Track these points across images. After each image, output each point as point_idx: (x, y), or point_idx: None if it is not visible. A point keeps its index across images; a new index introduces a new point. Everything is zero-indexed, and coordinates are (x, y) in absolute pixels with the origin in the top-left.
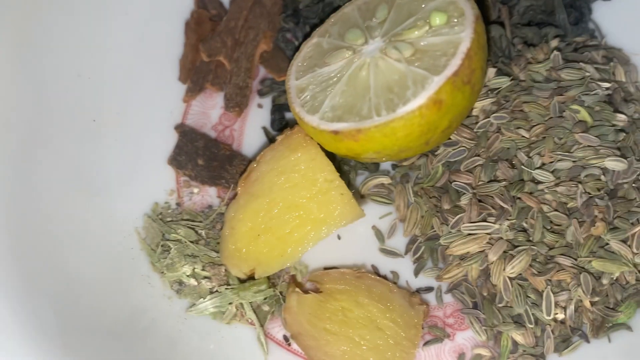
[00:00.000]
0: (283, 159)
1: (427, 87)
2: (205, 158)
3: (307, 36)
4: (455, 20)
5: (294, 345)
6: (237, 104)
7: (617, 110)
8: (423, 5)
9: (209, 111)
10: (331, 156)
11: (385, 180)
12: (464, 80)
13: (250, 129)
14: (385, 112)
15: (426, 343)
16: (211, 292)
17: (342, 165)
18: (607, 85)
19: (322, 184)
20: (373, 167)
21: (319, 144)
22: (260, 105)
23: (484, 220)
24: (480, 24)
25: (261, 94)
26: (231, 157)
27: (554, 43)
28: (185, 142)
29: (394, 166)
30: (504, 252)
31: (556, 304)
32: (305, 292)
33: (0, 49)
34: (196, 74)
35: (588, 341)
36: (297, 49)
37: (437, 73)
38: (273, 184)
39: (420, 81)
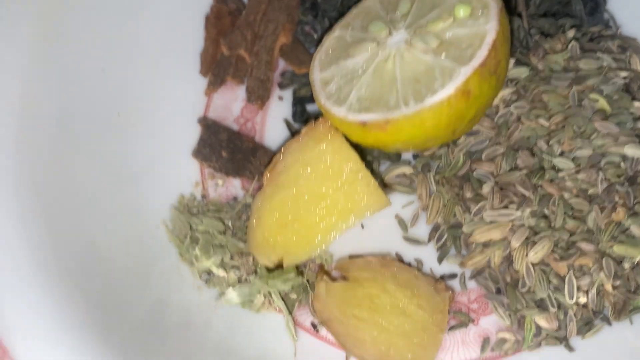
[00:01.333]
0: (308, 150)
1: (455, 78)
2: (229, 150)
3: (326, 29)
4: (480, 12)
5: (322, 332)
6: (259, 97)
7: (634, 99)
8: None
9: (231, 104)
10: (355, 146)
11: (407, 170)
12: (490, 71)
13: (272, 121)
14: (413, 103)
15: (451, 328)
16: (240, 282)
17: (365, 154)
18: (624, 74)
19: (347, 175)
20: (395, 157)
21: (344, 135)
22: (281, 98)
23: (506, 208)
24: (504, 16)
25: (282, 86)
26: (254, 150)
27: (571, 33)
28: (208, 135)
29: (415, 156)
30: (526, 238)
31: (578, 288)
32: (333, 280)
33: (30, 49)
34: (217, 68)
35: (610, 324)
36: (316, 41)
37: (464, 64)
38: (299, 175)
39: (448, 72)
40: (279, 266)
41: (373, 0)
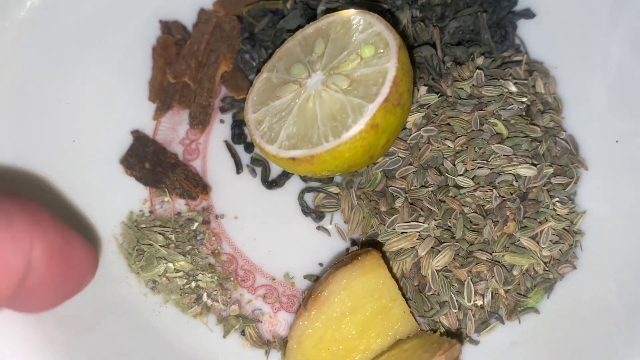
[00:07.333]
0: (353, 280)
1: (364, 114)
2: (152, 163)
3: (263, 57)
4: (382, 51)
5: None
6: (200, 122)
7: (532, 122)
8: (353, 39)
9: (177, 127)
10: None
11: (334, 190)
12: (394, 104)
13: (214, 142)
14: (332, 138)
15: None
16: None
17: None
18: (523, 99)
19: (386, 302)
20: (327, 180)
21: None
22: (222, 121)
23: (415, 221)
24: (404, 52)
25: (223, 110)
26: (175, 166)
27: (479, 61)
28: (137, 146)
29: None
30: (432, 247)
31: (476, 292)
32: None
33: None
34: (164, 94)
35: (503, 323)
36: (255, 69)
37: (370, 101)
38: (342, 302)
39: (358, 109)
40: None
41: (293, 42)
